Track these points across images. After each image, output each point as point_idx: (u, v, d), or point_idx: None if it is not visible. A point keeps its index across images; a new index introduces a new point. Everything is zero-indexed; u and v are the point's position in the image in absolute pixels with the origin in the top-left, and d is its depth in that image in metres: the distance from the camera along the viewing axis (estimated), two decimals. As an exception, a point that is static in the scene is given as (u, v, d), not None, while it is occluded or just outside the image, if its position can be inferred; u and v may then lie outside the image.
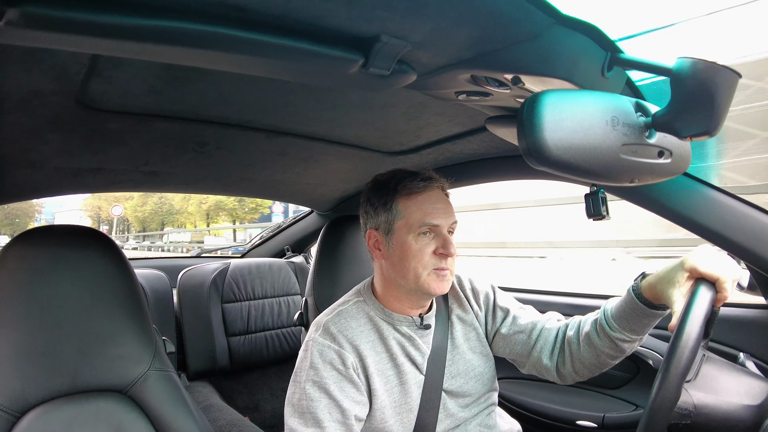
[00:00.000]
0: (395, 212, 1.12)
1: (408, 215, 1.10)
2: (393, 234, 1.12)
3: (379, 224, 1.14)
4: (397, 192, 1.12)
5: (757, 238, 1.09)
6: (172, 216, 34.02)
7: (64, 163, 1.35)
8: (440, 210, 1.10)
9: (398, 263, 1.11)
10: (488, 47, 0.70)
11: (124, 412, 1.02)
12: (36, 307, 0.99)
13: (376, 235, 1.15)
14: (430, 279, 1.08)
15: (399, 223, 1.11)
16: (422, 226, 1.08)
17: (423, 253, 1.08)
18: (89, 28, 0.54)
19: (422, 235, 1.09)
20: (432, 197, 1.12)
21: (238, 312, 2.41)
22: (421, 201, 1.10)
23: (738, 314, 1.35)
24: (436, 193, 1.13)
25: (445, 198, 1.15)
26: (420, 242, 1.08)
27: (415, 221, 1.09)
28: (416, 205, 1.10)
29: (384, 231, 1.13)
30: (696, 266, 0.89)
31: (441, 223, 1.09)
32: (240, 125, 1.22)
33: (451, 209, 1.14)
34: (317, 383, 1.04)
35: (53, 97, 0.93)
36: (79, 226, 1.11)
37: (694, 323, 0.81)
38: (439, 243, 1.09)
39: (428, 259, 1.08)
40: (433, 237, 1.09)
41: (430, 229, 1.09)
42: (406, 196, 1.11)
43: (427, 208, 1.10)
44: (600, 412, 1.56)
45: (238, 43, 0.62)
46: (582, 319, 1.15)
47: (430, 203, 1.10)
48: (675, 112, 0.65)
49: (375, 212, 1.15)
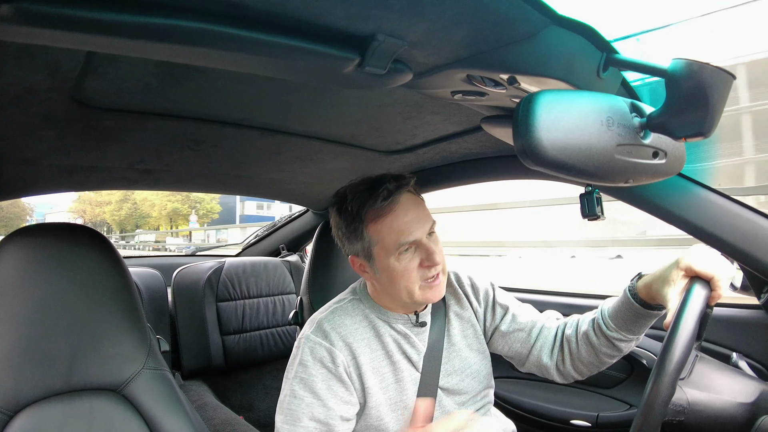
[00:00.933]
0: (368, 239, 1.07)
1: (381, 240, 1.06)
2: (374, 259, 1.08)
3: (358, 251, 1.11)
4: (364, 218, 1.07)
5: (750, 239, 1.09)
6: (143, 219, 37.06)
7: (58, 160, 1.34)
8: (413, 222, 1.06)
9: (388, 285, 1.09)
10: (484, 47, 0.71)
11: (117, 410, 1.01)
12: (29, 305, 0.98)
13: (359, 260, 1.12)
14: (424, 292, 1.06)
15: (376, 249, 1.07)
16: (400, 246, 1.04)
17: (409, 271, 1.05)
18: (84, 25, 0.53)
19: (403, 253, 1.05)
20: (399, 212, 1.06)
21: (233, 311, 2.40)
22: (390, 221, 1.05)
23: (731, 314, 1.35)
24: (405, 205, 1.07)
25: (414, 204, 1.09)
26: (403, 261, 1.05)
27: (391, 244, 1.05)
28: (386, 227, 1.05)
29: (364, 257, 1.10)
30: (691, 265, 0.89)
31: (418, 236, 1.05)
32: (235, 123, 1.22)
33: (424, 213, 1.09)
34: (304, 380, 1.04)
35: (48, 93, 0.93)
36: (72, 224, 1.11)
37: (689, 320, 0.82)
38: (422, 255, 1.06)
39: (415, 275, 1.05)
40: (415, 251, 1.06)
41: (410, 245, 1.05)
42: (374, 221, 1.06)
43: (399, 226, 1.05)
44: (594, 411, 1.56)
45: (233, 41, 0.61)
46: (580, 318, 1.16)
47: (400, 219, 1.05)
48: (670, 113, 0.65)
49: (349, 240, 1.12)
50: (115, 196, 37.23)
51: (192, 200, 34.99)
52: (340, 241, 1.15)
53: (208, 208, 36.04)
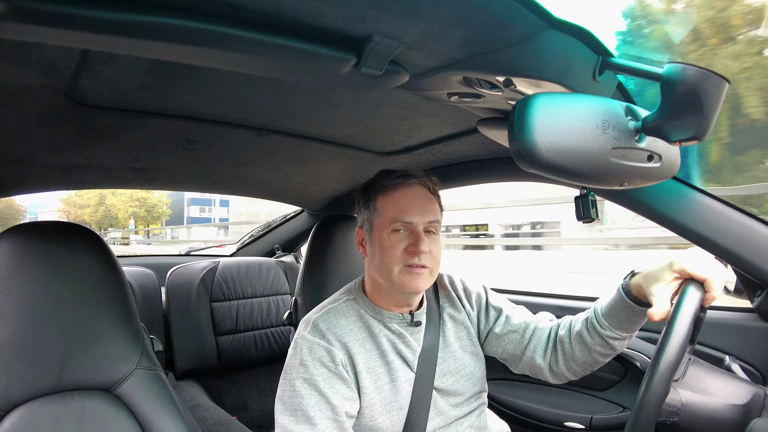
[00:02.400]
0: (373, 209, 1.14)
1: (384, 212, 1.12)
2: (372, 231, 1.14)
3: (363, 222, 1.18)
4: (377, 190, 1.15)
5: (743, 242, 1.10)
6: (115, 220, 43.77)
7: (52, 158, 1.34)
8: (416, 207, 1.11)
9: (375, 259, 1.12)
10: (480, 49, 0.71)
11: (110, 410, 1.01)
12: (22, 303, 0.98)
13: (361, 232, 1.19)
14: (402, 275, 1.08)
15: (377, 221, 1.13)
16: (395, 222, 1.09)
17: (395, 249, 1.09)
18: (79, 23, 0.53)
19: (395, 231, 1.10)
20: (409, 194, 1.12)
21: (227, 311, 2.39)
22: (397, 198, 1.12)
23: (724, 317, 1.36)
24: (416, 191, 1.13)
25: (426, 195, 1.15)
26: (393, 239, 1.10)
27: (389, 218, 1.11)
28: (391, 202, 1.12)
29: (367, 229, 1.16)
30: (685, 267, 0.90)
31: (415, 221, 1.09)
32: (231, 123, 1.22)
33: (432, 207, 1.13)
34: (307, 380, 1.04)
35: (42, 91, 0.92)
36: (66, 223, 1.10)
37: (683, 321, 0.82)
38: (411, 240, 1.09)
39: (399, 255, 1.08)
40: (407, 234, 1.10)
41: (404, 226, 1.10)
42: (383, 193, 1.14)
43: (402, 204, 1.11)
44: (588, 413, 1.56)
45: (230, 41, 0.61)
46: (573, 319, 1.16)
47: (406, 200, 1.11)
48: (665, 117, 0.65)
49: (360, 212, 1.19)
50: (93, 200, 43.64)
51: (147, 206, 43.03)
52: (357, 216, 1.24)
53: (161, 211, 43.92)
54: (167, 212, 44.21)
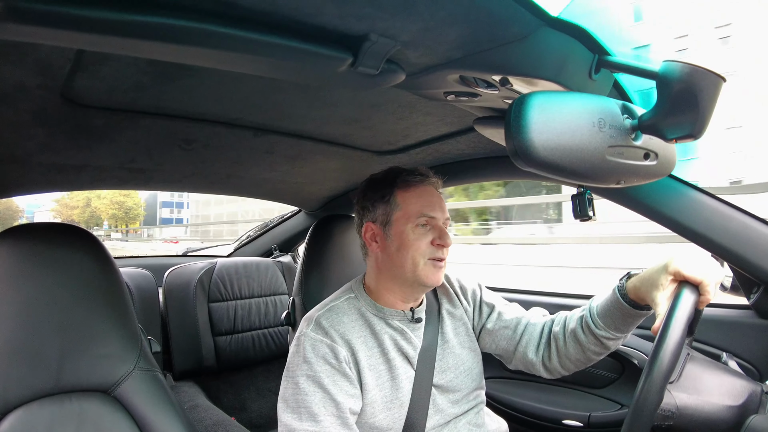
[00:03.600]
0: (393, 204, 1.15)
1: (406, 207, 1.14)
2: (391, 225, 1.14)
3: (377, 217, 1.17)
4: (396, 185, 1.16)
5: (739, 240, 1.10)
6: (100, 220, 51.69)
7: (48, 158, 1.33)
8: (436, 204, 1.15)
9: (396, 253, 1.13)
10: (477, 48, 0.71)
11: (108, 412, 1.00)
12: (19, 304, 0.97)
13: (374, 227, 1.18)
14: (427, 269, 1.11)
15: (397, 215, 1.14)
16: (420, 216, 1.12)
17: (421, 243, 1.11)
18: (75, 23, 0.53)
19: (420, 226, 1.12)
20: (428, 191, 1.16)
21: (225, 311, 2.39)
22: (419, 193, 1.15)
23: (721, 315, 1.37)
24: (431, 189, 1.17)
25: (439, 195, 1.19)
26: (417, 232, 1.12)
27: (414, 212, 1.12)
28: (414, 197, 1.14)
29: (381, 223, 1.16)
30: (679, 269, 0.90)
31: (437, 216, 1.13)
32: (227, 123, 1.21)
33: (444, 206, 1.17)
34: (311, 377, 1.04)
35: (38, 91, 0.92)
36: (63, 224, 1.10)
37: (677, 327, 0.82)
38: (435, 234, 1.13)
39: (425, 248, 1.11)
40: (429, 228, 1.13)
41: (428, 221, 1.12)
42: (404, 189, 1.15)
43: (425, 200, 1.14)
44: (586, 411, 1.57)
45: (226, 40, 0.61)
46: (567, 315, 1.16)
47: (429, 196, 1.15)
48: (661, 115, 0.65)
49: (372, 206, 1.18)
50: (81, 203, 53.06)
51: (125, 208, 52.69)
52: (360, 210, 1.22)
53: (137, 213, 53.44)
54: (142, 213, 53.99)
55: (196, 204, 55.11)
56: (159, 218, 53.59)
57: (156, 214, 55.06)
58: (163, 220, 53.89)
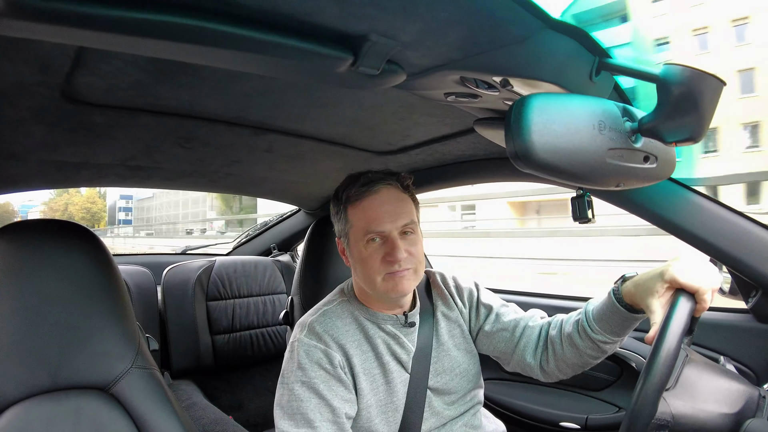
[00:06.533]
0: (345, 221, 1.13)
1: (356, 223, 1.10)
2: (349, 242, 1.13)
3: (340, 233, 1.16)
4: (346, 201, 1.12)
5: (738, 243, 1.10)
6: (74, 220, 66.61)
7: (47, 156, 1.33)
8: (385, 214, 1.08)
9: (358, 270, 1.12)
10: (477, 49, 0.71)
11: (105, 409, 1.00)
12: (16, 302, 0.97)
13: (341, 243, 1.18)
14: (385, 283, 1.08)
15: (351, 232, 1.12)
16: (367, 234, 1.08)
17: (373, 260, 1.08)
18: (75, 20, 0.53)
19: (370, 242, 1.08)
20: (375, 202, 1.09)
21: (223, 310, 2.39)
22: (364, 208, 1.10)
23: (719, 318, 1.36)
24: (383, 196, 1.10)
25: (395, 198, 1.12)
26: (369, 249, 1.08)
27: (361, 229, 1.09)
28: (360, 212, 1.10)
29: (344, 239, 1.15)
30: (676, 277, 0.88)
31: (387, 228, 1.08)
32: (227, 121, 1.21)
33: (404, 209, 1.11)
34: (306, 383, 1.03)
35: (38, 88, 0.92)
36: (62, 221, 1.10)
37: (673, 336, 0.81)
38: (386, 249, 1.07)
39: (378, 266, 1.08)
40: (381, 243, 1.08)
41: (378, 235, 1.08)
42: (352, 203, 1.11)
43: (370, 214, 1.08)
44: (583, 413, 1.57)
45: (226, 39, 0.61)
46: (564, 319, 1.15)
47: (374, 209, 1.09)
48: (661, 118, 0.65)
49: (336, 221, 1.17)
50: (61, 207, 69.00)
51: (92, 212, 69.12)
52: (333, 222, 1.21)
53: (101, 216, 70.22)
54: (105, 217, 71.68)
55: (137, 208, 78.18)
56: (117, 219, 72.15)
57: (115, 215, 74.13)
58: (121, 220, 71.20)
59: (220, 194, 57.22)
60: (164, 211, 70.59)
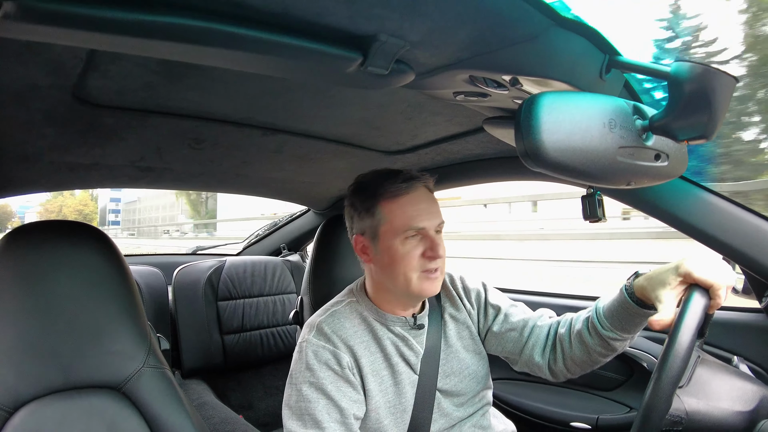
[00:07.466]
0: (379, 217, 1.10)
1: (392, 219, 1.08)
2: (379, 239, 1.10)
3: (365, 229, 1.13)
4: (379, 196, 1.10)
5: (752, 242, 1.09)
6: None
7: (59, 157, 1.35)
8: (425, 211, 1.09)
9: (387, 268, 1.10)
10: (486, 48, 0.70)
11: (117, 408, 1.01)
12: (30, 302, 0.98)
13: (363, 240, 1.14)
14: (421, 282, 1.07)
15: (384, 228, 1.09)
16: (408, 230, 1.07)
17: (411, 257, 1.07)
18: (86, 23, 0.53)
19: (409, 238, 1.07)
20: (415, 198, 1.09)
21: (233, 310, 2.40)
22: (405, 204, 1.08)
23: (732, 318, 1.35)
24: (420, 194, 1.11)
25: (429, 197, 1.13)
26: (407, 246, 1.07)
27: (400, 225, 1.07)
28: (400, 208, 1.08)
29: (370, 236, 1.12)
30: (690, 272, 0.87)
31: (426, 225, 1.07)
32: (236, 122, 1.22)
33: (437, 208, 1.12)
34: (314, 384, 1.03)
35: (50, 91, 0.93)
36: (74, 222, 1.11)
37: (687, 331, 0.80)
38: (426, 245, 1.07)
39: (416, 263, 1.07)
40: (420, 239, 1.08)
41: (417, 232, 1.07)
42: (388, 199, 1.09)
43: (411, 211, 1.08)
44: (594, 413, 1.56)
45: (236, 40, 0.61)
46: (573, 317, 1.15)
47: (414, 205, 1.08)
48: (672, 116, 0.65)
49: (359, 217, 1.14)
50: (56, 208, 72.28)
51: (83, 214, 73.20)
52: (350, 220, 1.18)
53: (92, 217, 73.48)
54: (95, 218, 75.25)
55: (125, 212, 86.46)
56: (107, 220, 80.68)
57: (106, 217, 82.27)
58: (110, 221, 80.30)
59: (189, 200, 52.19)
60: (146, 213, 78.36)
